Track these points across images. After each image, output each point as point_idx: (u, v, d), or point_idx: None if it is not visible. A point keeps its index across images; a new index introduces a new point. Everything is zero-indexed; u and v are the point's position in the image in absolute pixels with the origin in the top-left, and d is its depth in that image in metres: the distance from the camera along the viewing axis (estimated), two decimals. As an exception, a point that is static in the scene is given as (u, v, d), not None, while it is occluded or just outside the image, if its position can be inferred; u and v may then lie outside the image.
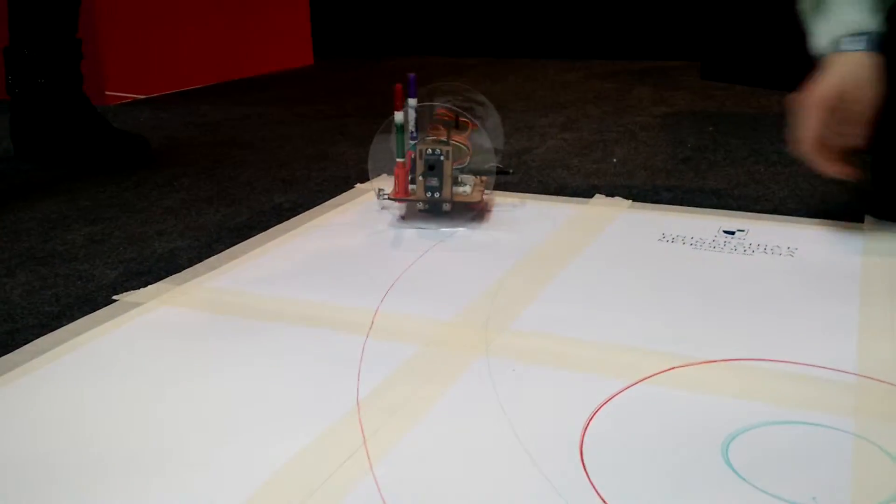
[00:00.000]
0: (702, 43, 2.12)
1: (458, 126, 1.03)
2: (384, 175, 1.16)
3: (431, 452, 0.56)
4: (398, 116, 0.99)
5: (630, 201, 1.08)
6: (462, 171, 1.02)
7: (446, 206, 1.00)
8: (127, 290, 0.84)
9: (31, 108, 1.35)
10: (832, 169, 0.88)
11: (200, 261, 0.91)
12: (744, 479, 0.52)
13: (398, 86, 0.99)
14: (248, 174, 1.29)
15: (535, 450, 0.55)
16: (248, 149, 1.45)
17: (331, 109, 1.81)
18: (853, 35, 0.87)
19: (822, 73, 0.87)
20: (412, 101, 1.01)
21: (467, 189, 1.01)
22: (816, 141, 0.86)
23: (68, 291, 0.85)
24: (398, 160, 1.00)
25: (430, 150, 0.97)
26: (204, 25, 2.14)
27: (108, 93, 1.90)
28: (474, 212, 1.03)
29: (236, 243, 0.97)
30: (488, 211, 1.04)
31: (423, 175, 0.97)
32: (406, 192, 1.00)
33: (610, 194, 1.11)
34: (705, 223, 0.99)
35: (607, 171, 1.26)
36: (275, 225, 1.03)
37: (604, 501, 0.50)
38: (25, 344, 0.73)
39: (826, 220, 0.99)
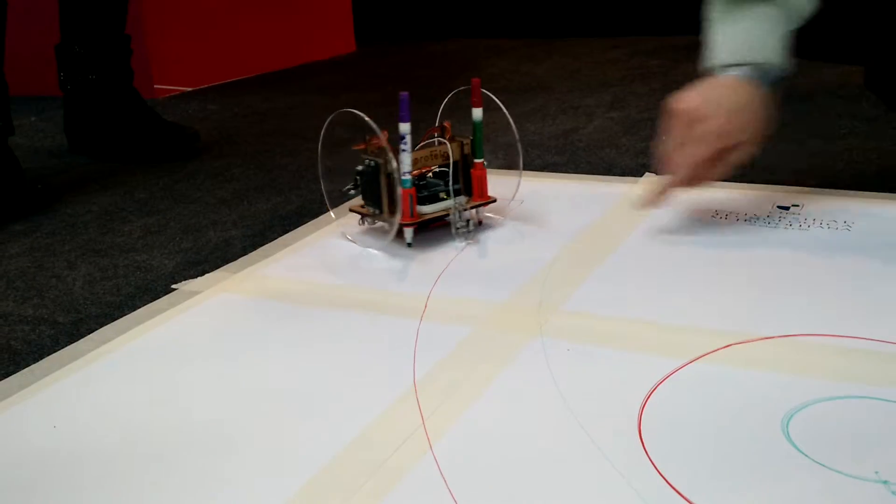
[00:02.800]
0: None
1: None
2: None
3: (490, 431, 0.56)
4: (477, 113, 0.91)
5: (680, 179, 1.06)
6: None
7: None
8: (185, 279, 0.86)
9: (83, 104, 1.38)
10: (675, 180, 0.86)
11: (254, 249, 0.93)
12: (805, 455, 0.51)
13: (476, 80, 0.91)
14: (297, 163, 1.30)
15: (593, 428, 0.55)
16: (296, 137, 1.47)
17: (375, 96, 1.82)
18: (749, 64, 0.84)
19: (697, 85, 0.85)
20: (404, 126, 0.86)
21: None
22: (672, 148, 0.85)
23: (128, 282, 0.87)
24: (477, 161, 0.92)
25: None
26: (247, 17, 2.16)
27: (156, 86, 1.94)
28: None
29: (288, 231, 0.98)
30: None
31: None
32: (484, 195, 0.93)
33: (660, 173, 1.10)
34: (759, 199, 0.97)
35: (657, 149, 1.25)
36: (325, 212, 1.04)
37: (664, 479, 0.50)
38: (90, 333, 0.75)
39: (883, 194, 0.97)
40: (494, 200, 0.94)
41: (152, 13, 1.92)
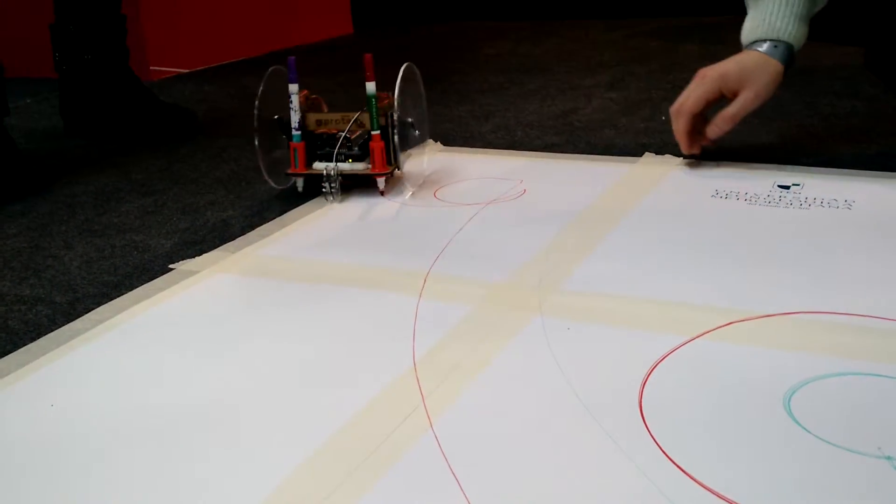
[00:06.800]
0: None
1: (312, 106, 1.03)
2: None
3: (490, 409, 0.56)
4: (370, 87, 0.97)
5: (681, 158, 1.06)
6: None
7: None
8: (182, 258, 0.85)
9: (79, 85, 1.36)
10: (680, 139, 0.99)
11: (252, 229, 0.92)
12: (807, 431, 0.51)
13: (368, 56, 0.97)
14: (295, 143, 1.29)
15: (593, 406, 0.55)
16: (293, 118, 1.45)
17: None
18: (768, 40, 0.97)
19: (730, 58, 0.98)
20: (293, 87, 0.99)
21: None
22: (684, 106, 0.98)
23: (125, 262, 0.87)
24: (374, 132, 0.98)
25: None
26: (244, -2, 2.15)
27: (152, 68, 1.92)
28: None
29: (286, 211, 0.97)
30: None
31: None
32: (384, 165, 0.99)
33: (659, 152, 1.09)
34: (759, 178, 0.97)
35: (656, 129, 1.24)
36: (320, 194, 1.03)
37: (666, 455, 0.50)
38: (87, 313, 0.74)
39: (883, 172, 0.97)
40: (391, 173, 0.99)
41: (148, -6, 1.91)
